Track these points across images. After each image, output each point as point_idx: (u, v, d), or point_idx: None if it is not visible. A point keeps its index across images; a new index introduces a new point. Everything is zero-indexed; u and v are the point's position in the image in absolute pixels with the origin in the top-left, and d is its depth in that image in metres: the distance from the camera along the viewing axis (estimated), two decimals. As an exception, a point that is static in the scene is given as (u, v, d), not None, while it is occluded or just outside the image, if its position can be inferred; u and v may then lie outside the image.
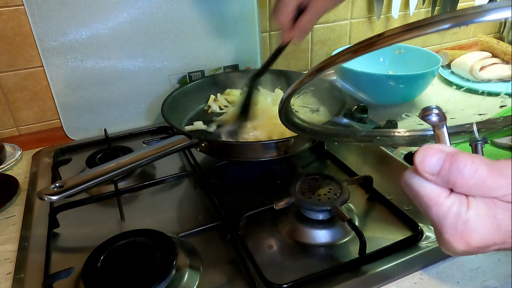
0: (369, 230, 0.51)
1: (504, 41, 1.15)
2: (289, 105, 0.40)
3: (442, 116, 0.30)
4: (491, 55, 1.00)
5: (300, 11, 0.60)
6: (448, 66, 1.02)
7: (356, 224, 0.50)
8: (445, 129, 0.31)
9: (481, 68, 0.94)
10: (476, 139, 0.33)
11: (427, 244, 0.48)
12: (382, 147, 0.67)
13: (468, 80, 0.95)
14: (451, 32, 1.21)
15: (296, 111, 0.64)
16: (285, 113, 0.40)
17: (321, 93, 0.73)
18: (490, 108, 0.84)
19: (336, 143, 0.70)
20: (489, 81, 0.93)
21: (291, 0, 0.59)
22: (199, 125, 0.72)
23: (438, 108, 0.30)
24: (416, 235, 0.48)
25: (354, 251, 0.47)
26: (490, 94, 0.87)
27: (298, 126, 0.43)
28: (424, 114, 0.30)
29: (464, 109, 0.86)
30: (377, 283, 0.43)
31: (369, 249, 0.46)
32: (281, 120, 0.41)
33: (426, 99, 0.87)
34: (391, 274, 0.44)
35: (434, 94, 0.91)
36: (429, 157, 0.28)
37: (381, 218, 0.53)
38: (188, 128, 0.72)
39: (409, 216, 0.51)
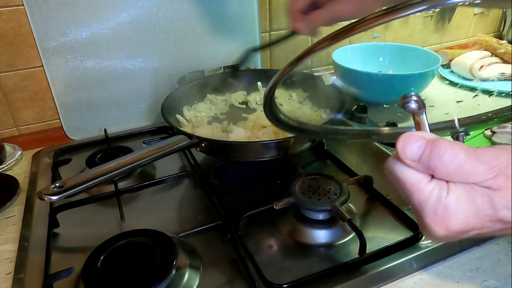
0: (369, 230, 0.51)
1: (503, 40, 1.15)
2: (273, 99, 0.40)
3: (421, 103, 0.31)
4: (490, 54, 1.00)
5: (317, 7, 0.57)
6: (448, 65, 1.02)
7: (356, 224, 0.50)
8: (424, 116, 0.31)
9: (481, 67, 0.94)
10: (457, 130, 0.34)
11: (427, 244, 0.48)
12: (382, 147, 0.67)
13: (468, 79, 0.95)
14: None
15: (280, 104, 0.63)
16: (270, 107, 0.40)
17: (318, 92, 0.74)
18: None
19: (324, 141, 0.70)
20: (488, 80, 0.93)
21: None
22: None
23: (417, 95, 0.30)
24: (416, 235, 0.48)
25: (354, 251, 0.47)
26: (489, 92, 0.87)
27: (283, 122, 0.43)
28: (404, 101, 0.31)
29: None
30: (377, 283, 0.43)
31: (369, 249, 0.46)
32: (266, 116, 0.41)
33: (426, 98, 0.87)
34: (391, 274, 0.44)
35: (434, 93, 0.91)
36: (410, 144, 0.28)
37: (381, 218, 0.53)
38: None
39: (409, 216, 0.51)
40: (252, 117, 0.73)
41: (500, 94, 0.83)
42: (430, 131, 0.31)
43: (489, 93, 0.85)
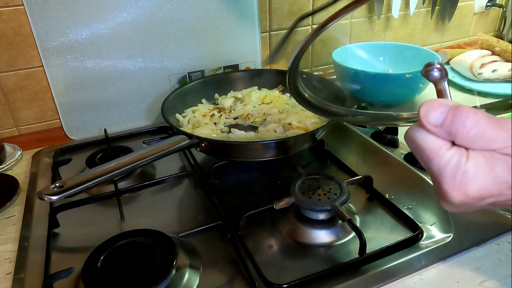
0: (369, 230, 0.51)
1: (503, 40, 1.14)
2: (297, 72, 0.40)
3: (444, 72, 0.31)
4: (491, 53, 1.00)
5: None
6: (448, 64, 1.02)
7: (356, 224, 0.50)
8: (446, 85, 0.32)
9: (481, 66, 0.94)
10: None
11: (427, 244, 0.48)
12: (382, 147, 0.67)
13: (468, 78, 0.95)
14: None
15: (305, 75, 0.61)
16: (294, 81, 0.40)
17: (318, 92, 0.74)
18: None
19: (345, 122, 0.69)
20: (489, 79, 0.93)
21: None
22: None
23: (440, 64, 0.31)
24: (416, 235, 0.48)
25: (354, 251, 0.47)
26: (490, 94, 0.87)
27: (306, 99, 0.43)
28: (427, 69, 0.31)
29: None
30: (377, 283, 0.43)
31: (369, 249, 0.46)
32: (289, 91, 0.41)
33: (426, 98, 0.87)
34: (391, 274, 0.44)
35: (434, 93, 0.91)
36: (434, 110, 0.29)
37: (381, 218, 0.53)
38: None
39: (409, 216, 0.51)
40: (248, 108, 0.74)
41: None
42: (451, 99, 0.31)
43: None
